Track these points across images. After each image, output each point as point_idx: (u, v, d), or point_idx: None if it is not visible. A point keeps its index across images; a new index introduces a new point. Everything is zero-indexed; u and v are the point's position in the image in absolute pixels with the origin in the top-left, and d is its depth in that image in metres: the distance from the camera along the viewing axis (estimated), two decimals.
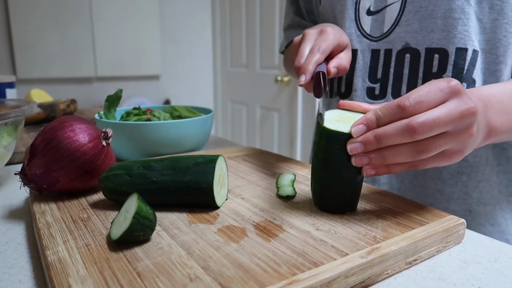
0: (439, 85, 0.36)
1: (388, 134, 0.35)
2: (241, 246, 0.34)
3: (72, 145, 0.44)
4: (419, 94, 0.35)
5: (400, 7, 0.58)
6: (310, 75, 0.48)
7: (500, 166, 0.59)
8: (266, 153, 0.67)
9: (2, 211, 0.48)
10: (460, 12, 0.54)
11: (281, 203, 0.44)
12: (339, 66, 0.53)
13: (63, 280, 0.28)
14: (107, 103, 0.69)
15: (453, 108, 0.35)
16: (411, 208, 0.42)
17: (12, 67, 2.39)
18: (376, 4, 0.61)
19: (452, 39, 0.55)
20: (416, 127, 0.34)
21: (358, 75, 0.63)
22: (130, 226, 0.32)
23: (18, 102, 0.67)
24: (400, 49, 0.59)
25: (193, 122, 0.65)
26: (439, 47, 0.56)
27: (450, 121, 0.35)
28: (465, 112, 0.35)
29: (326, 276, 0.29)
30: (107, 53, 2.61)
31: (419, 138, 0.35)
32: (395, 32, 0.59)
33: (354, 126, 0.37)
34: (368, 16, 0.61)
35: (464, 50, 0.55)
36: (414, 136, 0.34)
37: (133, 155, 0.65)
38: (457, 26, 0.54)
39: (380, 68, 0.61)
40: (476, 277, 0.33)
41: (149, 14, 2.71)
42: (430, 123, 0.34)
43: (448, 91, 0.36)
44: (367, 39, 0.62)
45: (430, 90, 0.36)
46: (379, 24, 0.61)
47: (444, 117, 0.34)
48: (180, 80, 3.00)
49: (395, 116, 0.36)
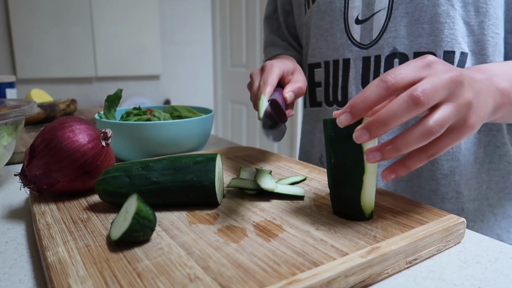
0: (417, 61, 0.35)
1: (393, 110, 0.32)
2: (241, 246, 0.34)
3: (72, 146, 0.44)
4: (397, 69, 0.34)
5: (387, 13, 0.60)
6: (261, 115, 0.47)
7: (492, 163, 0.60)
8: (266, 153, 0.67)
9: (2, 211, 0.48)
10: (445, 16, 0.56)
11: (281, 203, 0.44)
12: (293, 89, 0.54)
13: (63, 281, 0.28)
14: (107, 103, 0.69)
15: (441, 72, 0.34)
16: (410, 207, 0.42)
17: (12, 67, 2.39)
18: (363, 12, 0.63)
19: (439, 42, 0.57)
20: (419, 94, 0.32)
21: (352, 83, 0.65)
22: (130, 227, 0.32)
23: (18, 102, 0.67)
24: (388, 55, 0.61)
25: (193, 122, 0.65)
26: (427, 51, 0.58)
27: (445, 84, 0.33)
28: (453, 77, 0.34)
29: (326, 275, 0.29)
30: (107, 53, 2.61)
31: (424, 107, 0.33)
32: (383, 38, 0.61)
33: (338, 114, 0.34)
34: (357, 25, 0.63)
35: (451, 53, 0.57)
36: (419, 104, 0.32)
37: (133, 155, 0.65)
38: (443, 30, 0.56)
39: (371, 75, 0.63)
40: (476, 277, 0.33)
41: (149, 14, 2.72)
42: (429, 88, 0.32)
43: (426, 63, 0.35)
44: (358, 47, 0.64)
45: (408, 65, 0.35)
46: (368, 32, 0.63)
47: (438, 81, 0.33)
48: (180, 80, 3.00)
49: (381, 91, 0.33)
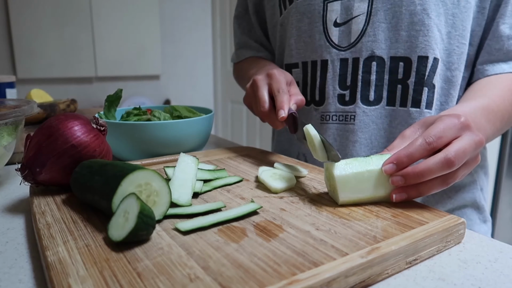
0: (452, 121, 0.42)
1: (430, 168, 0.40)
2: (241, 246, 0.34)
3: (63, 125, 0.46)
4: (437, 130, 0.42)
5: (366, 19, 0.63)
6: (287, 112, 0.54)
7: None
8: (266, 153, 0.67)
9: (2, 211, 0.48)
10: (421, 24, 0.60)
11: (281, 203, 0.44)
12: (297, 101, 0.58)
13: (63, 281, 0.28)
14: (107, 103, 0.69)
15: (471, 139, 0.41)
16: (410, 208, 0.42)
17: (12, 67, 2.39)
18: (342, 16, 0.65)
19: (414, 48, 0.61)
20: (453, 158, 0.39)
21: (329, 83, 0.67)
22: (136, 226, 0.32)
23: (18, 102, 0.67)
24: (366, 57, 0.63)
25: (193, 122, 0.65)
26: (403, 56, 0.62)
27: (471, 151, 0.41)
28: (478, 143, 0.42)
29: (326, 276, 0.29)
30: (107, 53, 2.61)
31: (455, 168, 0.40)
32: (361, 42, 0.63)
33: (385, 165, 0.42)
34: (335, 27, 0.66)
35: (425, 58, 0.61)
36: (452, 167, 0.40)
37: (133, 155, 0.65)
38: (418, 37, 0.60)
39: (349, 76, 0.66)
40: (476, 277, 0.33)
41: (149, 14, 2.71)
42: (461, 154, 0.40)
43: (460, 126, 0.42)
44: (336, 49, 0.66)
45: (445, 127, 0.42)
46: (346, 35, 0.65)
47: (468, 147, 0.41)
48: (180, 80, 3.00)
49: (424, 152, 0.41)
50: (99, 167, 0.42)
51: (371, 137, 0.66)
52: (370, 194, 0.42)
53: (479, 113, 0.53)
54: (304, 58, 0.70)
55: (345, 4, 0.64)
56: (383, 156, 0.43)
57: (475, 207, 0.70)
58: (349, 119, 0.66)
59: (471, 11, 0.61)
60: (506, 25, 0.61)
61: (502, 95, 0.57)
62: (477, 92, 0.59)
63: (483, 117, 0.53)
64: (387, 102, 0.64)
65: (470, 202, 0.70)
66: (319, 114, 0.69)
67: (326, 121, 0.69)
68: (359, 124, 0.65)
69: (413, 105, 0.63)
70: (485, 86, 0.60)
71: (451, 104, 0.64)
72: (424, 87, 0.62)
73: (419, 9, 0.60)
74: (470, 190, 0.69)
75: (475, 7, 0.62)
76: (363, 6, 0.62)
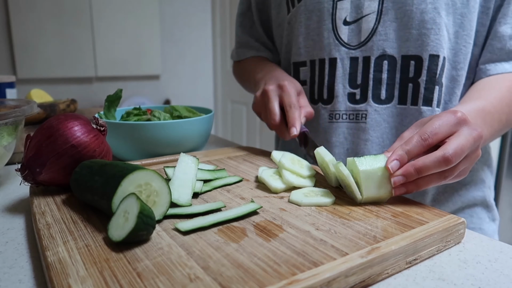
0: (448, 117, 0.43)
1: (428, 166, 0.41)
2: (241, 246, 0.33)
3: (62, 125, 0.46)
4: (433, 127, 0.42)
5: (376, 17, 0.63)
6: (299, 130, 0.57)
7: None
8: (266, 153, 0.67)
9: (2, 211, 0.48)
10: (432, 23, 0.60)
11: (281, 203, 0.44)
12: (306, 114, 0.61)
13: (63, 281, 0.28)
14: (107, 103, 0.69)
15: (468, 135, 0.42)
16: (410, 208, 0.42)
17: (12, 67, 2.39)
18: (352, 14, 0.65)
19: (426, 47, 0.61)
20: (450, 157, 0.40)
21: (338, 81, 0.67)
22: (135, 226, 0.32)
23: (18, 102, 0.67)
24: (378, 56, 0.64)
25: (193, 122, 0.65)
26: (414, 54, 0.62)
27: (470, 146, 0.42)
28: (476, 137, 0.43)
29: (326, 276, 0.29)
30: (107, 53, 2.61)
31: (452, 165, 0.41)
32: (372, 41, 0.64)
33: (390, 162, 0.42)
34: (345, 26, 0.65)
35: (436, 57, 0.61)
36: (449, 164, 0.40)
37: (133, 155, 0.65)
38: (430, 36, 0.61)
39: (359, 74, 0.66)
40: (476, 277, 0.33)
41: (149, 14, 2.71)
42: (459, 151, 0.41)
43: (457, 122, 0.43)
44: (345, 47, 0.66)
45: (441, 123, 0.43)
46: (356, 34, 0.65)
47: (465, 143, 0.41)
48: (180, 80, 3.00)
49: (421, 148, 0.42)
50: (99, 167, 0.42)
51: (383, 136, 0.66)
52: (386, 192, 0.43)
53: (474, 114, 0.53)
54: (312, 57, 0.70)
55: (355, 3, 0.64)
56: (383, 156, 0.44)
57: (484, 205, 0.71)
58: (360, 118, 0.66)
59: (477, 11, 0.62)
60: (508, 25, 0.61)
61: (500, 96, 0.58)
62: (475, 94, 0.59)
63: (479, 119, 0.53)
64: (398, 100, 0.64)
65: (480, 200, 0.70)
66: (328, 112, 0.69)
67: (335, 119, 0.68)
68: (371, 122, 0.65)
69: (424, 103, 0.63)
70: (483, 88, 0.60)
71: (455, 103, 0.64)
72: (435, 86, 0.62)
73: (430, 7, 0.60)
74: (480, 189, 0.70)
75: (479, 7, 0.62)
76: (374, 4, 0.62)
